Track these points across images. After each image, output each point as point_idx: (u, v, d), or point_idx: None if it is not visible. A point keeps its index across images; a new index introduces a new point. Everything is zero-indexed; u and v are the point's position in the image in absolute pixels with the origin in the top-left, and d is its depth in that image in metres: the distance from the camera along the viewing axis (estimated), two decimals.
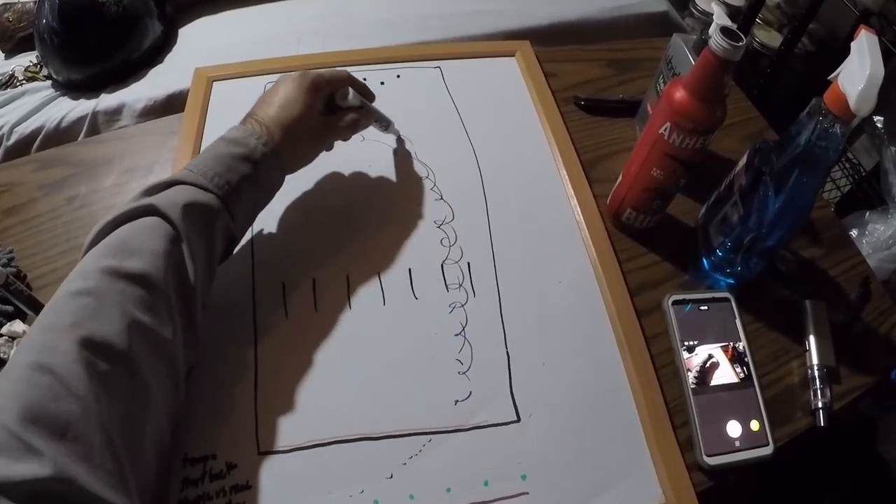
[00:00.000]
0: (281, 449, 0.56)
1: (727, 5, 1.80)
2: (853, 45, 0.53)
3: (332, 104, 0.66)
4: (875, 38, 0.52)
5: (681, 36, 0.74)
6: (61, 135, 1.10)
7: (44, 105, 1.15)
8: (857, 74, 0.51)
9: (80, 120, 1.10)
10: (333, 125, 0.66)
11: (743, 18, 1.57)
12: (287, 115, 0.60)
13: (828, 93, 0.54)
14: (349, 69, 0.84)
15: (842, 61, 0.54)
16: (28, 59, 1.25)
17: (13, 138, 1.09)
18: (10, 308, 0.64)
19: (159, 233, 0.50)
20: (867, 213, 1.31)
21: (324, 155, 0.75)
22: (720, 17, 0.64)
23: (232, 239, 0.59)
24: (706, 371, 0.63)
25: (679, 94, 0.59)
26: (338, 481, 0.55)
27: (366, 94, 0.69)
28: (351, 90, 0.67)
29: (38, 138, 1.10)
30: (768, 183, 0.60)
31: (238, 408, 0.58)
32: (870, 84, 0.50)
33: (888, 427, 1.05)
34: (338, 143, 0.70)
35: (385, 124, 0.75)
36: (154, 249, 0.48)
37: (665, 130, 0.61)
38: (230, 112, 0.78)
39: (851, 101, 0.51)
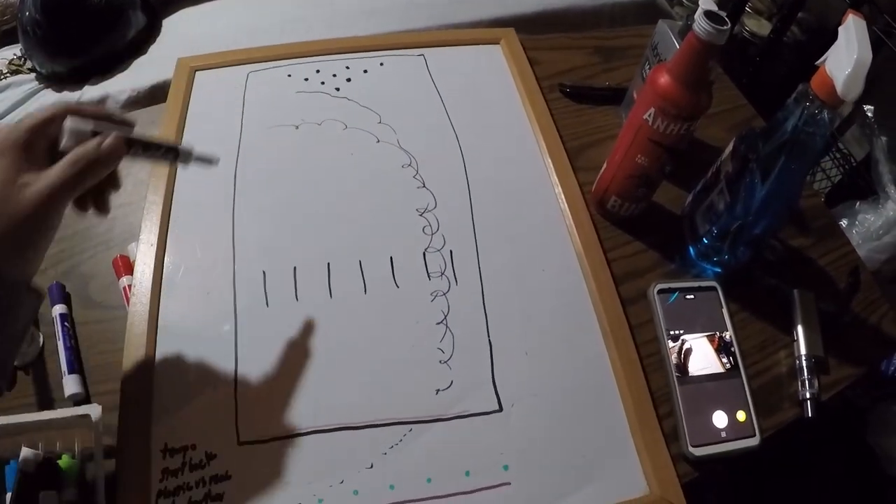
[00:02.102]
0: (261, 439, 0.56)
1: None
2: (840, 29, 0.52)
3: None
4: (863, 23, 0.52)
5: (666, 22, 0.73)
6: None
7: (28, 98, 1.14)
8: (844, 59, 0.50)
9: None
10: (54, 186, 0.44)
11: (732, 6, 1.56)
12: None
13: (815, 78, 0.53)
14: (333, 57, 0.84)
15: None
16: (12, 52, 1.24)
17: None
18: None
19: None
20: (857, 204, 1.31)
21: (306, 143, 0.74)
22: (706, 2, 0.64)
23: None
24: (692, 361, 0.62)
25: (663, 79, 0.58)
26: (318, 471, 0.55)
27: (98, 114, 0.49)
28: (69, 120, 0.47)
29: None
30: (754, 170, 0.59)
31: (218, 397, 0.58)
32: (857, 68, 0.49)
33: (877, 418, 1.05)
34: (321, 133, 0.69)
35: (168, 153, 0.53)
36: None
37: (649, 116, 0.60)
38: (212, 101, 0.79)
39: (839, 86, 0.50)
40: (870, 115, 1.37)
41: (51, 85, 1.16)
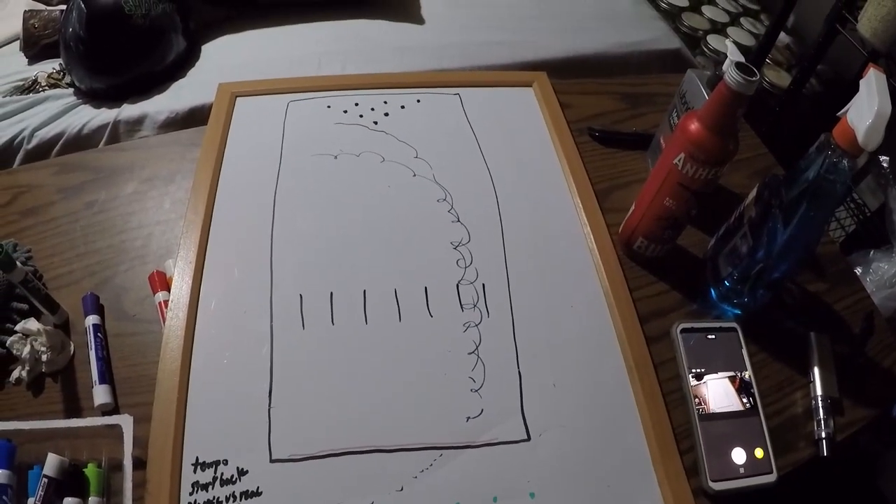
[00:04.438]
0: (293, 457, 0.57)
1: (737, 45, 1.84)
2: (862, 82, 0.55)
3: None
4: (883, 76, 0.54)
5: (695, 71, 0.76)
6: (82, 141, 1.11)
7: (66, 111, 1.16)
8: (865, 110, 0.52)
9: (102, 128, 1.12)
10: None
11: (752, 58, 1.60)
12: None
13: (836, 128, 0.55)
14: (371, 91, 0.88)
15: (849, 101, 0.55)
16: (51, 66, 1.27)
17: (34, 142, 1.10)
18: (25, 306, 0.65)
19: None
20: (871, 252, 1.32)
21: (344, 172, 0.77)
22: (734, 54, 0.67)
23: None
24: (713, 398, 0.64)
25: (694, 125, 0.61)
26: (348, 492, 0.56)
27: None
28: None
29: (59, 144, 1.11)
30: (777, 216, 0.61)
31: (251, 415, 0.59)
32: (878, 119, 0.51)
33: (888, 464, 1.05)
34: (359, 165, 0.72)
35: None
36: None
37: (679, 161, 0.63)
38: (253, 127, 0.82)
39: (860, 136, 0.52)
40: (885, 165, 1.40)
41: (88, 101, 1.19)
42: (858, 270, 1.29)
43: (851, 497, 1.05)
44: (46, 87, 1.23)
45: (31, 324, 0.62)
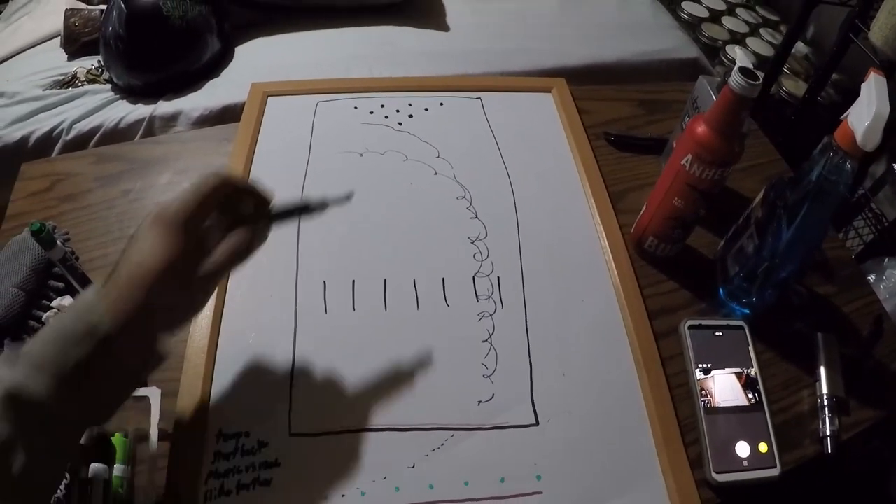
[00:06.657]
0: (311, 432, 0.60)
1: (756, 55, 1.86)
2: (863, 85, 0.57)
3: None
4: (883, 80, 0.57)
5: (706, 78, 0.78)
6: (119, 135, 1.16)
7: (103, 106, 1.21)
8: (864, 112, 0.54)
9: (138, 122, 1.16)
10: (217, 277, 0.51)
11: (769, 68, 1.61)
12: (143, 271, 0.45)
13: (838, 130, 0.57)
14: (396, 94, 0.91)
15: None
16: (89, 62, 1.32)
17: (72, 133, 1.15)
18: (61, 284, 0.68)
19: None
20: (886, 260, 1.32)
21: (369, 169, 0.79)
22: (741, 60, 0.69)
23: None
24: (719, 393, 0.65)
25: (700, 128, 0.63)
26: (362, 466, 0.58)
27: (245, 188, 0.54)
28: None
29: (97, 136, 1.15)
30: (782, 215, 0.63)
31: (274, 391, 0.62)
32: (876, 121, 0.54)
33: None
34: (383, 162, 0.74)
35: (304, 212, 0.57)
36: None
37: (687, 162, 0.65)
38: (283, 125, 0.85)
39: (858, 137, 0.54)
40: None
41: (125, 97, 1.23)
42: (872, 277, 1.29)
43: (862, 502, 1.04)
44: (85, 83, 1.28)
45: (67, 300, 0.65)
